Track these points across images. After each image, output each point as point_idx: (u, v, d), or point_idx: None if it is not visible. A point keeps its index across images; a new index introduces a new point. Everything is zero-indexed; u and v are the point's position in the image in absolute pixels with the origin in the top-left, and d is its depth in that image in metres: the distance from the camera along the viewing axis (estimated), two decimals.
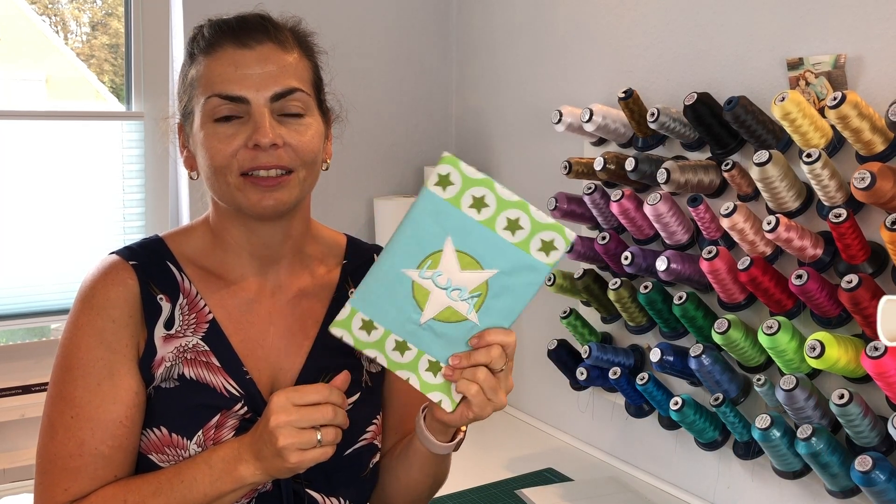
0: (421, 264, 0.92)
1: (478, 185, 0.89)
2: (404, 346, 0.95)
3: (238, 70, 1.00)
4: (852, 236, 1.36)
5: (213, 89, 1.01)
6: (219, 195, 1.04)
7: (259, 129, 0.99)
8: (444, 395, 0.96)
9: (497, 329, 0.94)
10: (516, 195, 0.90)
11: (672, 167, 1.60)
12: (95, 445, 0.99)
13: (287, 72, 1.02)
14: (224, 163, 1.00)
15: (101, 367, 1.00)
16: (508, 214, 0.90)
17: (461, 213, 0.90)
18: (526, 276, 0.92)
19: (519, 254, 0.91)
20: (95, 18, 2.38)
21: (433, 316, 0.93)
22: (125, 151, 2.24)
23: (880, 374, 1.28)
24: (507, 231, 0.90)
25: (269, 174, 1.00)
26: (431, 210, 0.90)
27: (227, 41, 1.02)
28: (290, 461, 0.93)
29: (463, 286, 0.92)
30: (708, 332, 1.58)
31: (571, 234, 0.91)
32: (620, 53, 1.93)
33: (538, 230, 0.90)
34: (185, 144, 1.09)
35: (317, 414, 0.94)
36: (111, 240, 2.22)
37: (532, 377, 2.28)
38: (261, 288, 1.09)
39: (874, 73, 1.41)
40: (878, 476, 1.29)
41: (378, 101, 2.46)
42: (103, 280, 1.03)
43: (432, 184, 0.90)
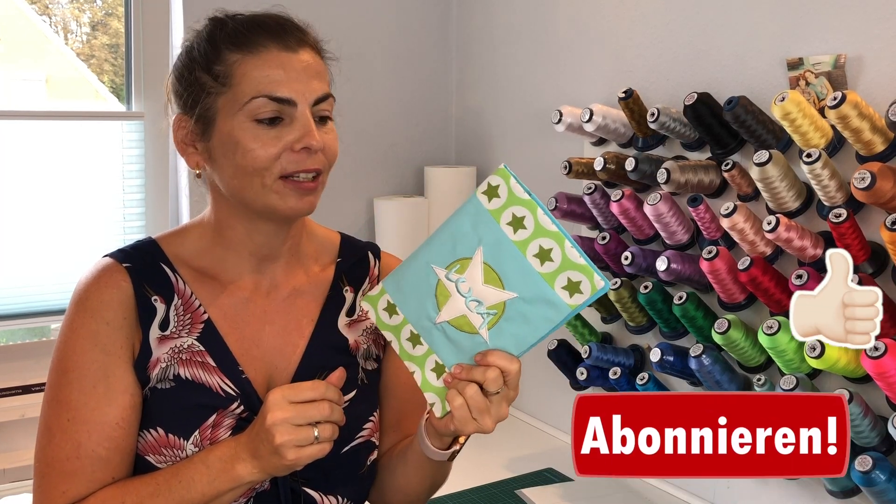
0: (450, 266, 0.93)
1: (521, 204, 0.90)
2: (417, 340, 0.96)
3: (287, 73, 1.00)
4: (852, 236, 1.36)
5: (260, 90, 0.99)
6: (247, 195, 1.02)
7: (310, 132, 1.00)
8: (438, 399, 0.97)
9: (503, 353, 0.94)
10: (556, 226, 0.89)
11: (672, 167, 1.60)
12: (92, 448, 0.99)
13: (322, 77, 1.05)
14: (265, 165, 0.99)
15: (96, 370, 1.00)
16: (542, 243, 0.89)
17: (498, 227, 0.90)
18: (544, 310, 0.91)
19: (542, 285, 0.90)
20: (95, 18, 2.38)
21: (448, 319, 0.94)
22: (125, 151, 2.24)
23: (880, 374, 1.28)
24: (537, 259, 0.89)
25: (308, 177, 1.01)
26: (473, 215, 0.91)
27: (269, 41, 1.01)
28: (287, 458, 0.93)
29: (482, 299, 0.92)
30: (708, 332, 1.58)
31: (600, 282, 0.88)
32: (620, 53, 1.93)
33: (567, 267, 0.89)
34: (189, 142, 1.05)
35: (313, 410, 0.94)
36: (111, 240, 2.22)
37: (532, 377, 2.28)
38: (256, 287, 1.09)
39: (874, 74, 1.41)
40: (879, 476, 1.30)
41: (378, 101, 2.46)
42: (97, 283, 1.03)
43: (480, 191, 0.91)
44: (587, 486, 1.84)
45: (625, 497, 1.79)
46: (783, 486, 1.59)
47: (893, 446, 1.38)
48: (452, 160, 2.59)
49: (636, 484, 1.86)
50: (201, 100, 1.02)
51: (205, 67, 1.02)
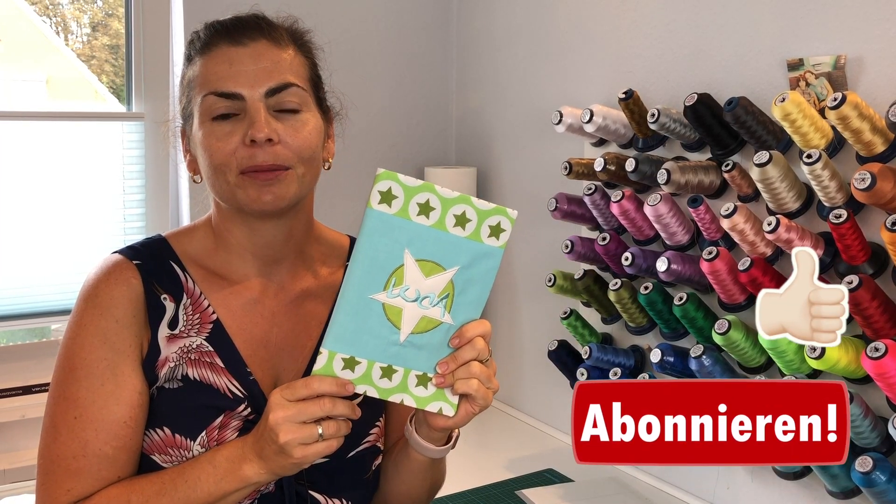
0: (386, 285, 0.91)
1: (419, 191, 0.90)
2: (390, 371, 0.95)
3: (232, 67, 1.01)
4: (853, 237, 1.36)
5: (209, 87, 1.01)
6: (219, 194, 1.04)
7: (254, 123, 0.99)
8: (442, 402, 0.97)
9: (472, 323, 0.95)
10: (456, 192, 0.92)
11: (672, 168, 1.60)
12: (99, 446, 0.99)
13: (281, 67, 1.03)
14: (223, 161, 1.00)
15: (104, 368, 1.00)
16: (454, 211, 0.92)
17: (412, 222, 0.90)
18: (484, 264, 0.94)
19: (473, 245, 0.93)
20: (96, 19, 2.38)
21: (411, 331, 0.93)
22: (125, 152, 2.24)
23: (881, 375, 1.28)
24: (458, 227, 0.92)
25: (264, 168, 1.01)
26: (382, 229, 0.90)
27: (221, 40, 1.03)
28: (293, 457, 0.92)
29: (431, 293, 0.93)
30: (708, 332, 1.58)
31: (513, 212, 0.93)
32: (621, 54, 1.93)
33: (484, 218, 0.92)
34: (187, 148, 1.09)
35: (314, 407, 0.92)
36: (112, 241, 2.22)
37: (532, 378, 2.28)
38: (264, 288, 1.09)
39: (874, 74, 1.41)
40: (879, 477, 1.30)
41: (378, 101, 2.46)
42: (106, 279, 1.02)
43: (376, 203, 0.89)
44: (588, 486, 1.84)
45: (625, 498, 1.79)
46: (783, 486, 1.59)
47: (894, 447, 1.38)
48: (453, 161, 2.59)
49: (637, 485, 1.86)
50: (184, 106, 1.07)
51: (183, 76, 1.07)
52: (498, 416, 2.32)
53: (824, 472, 1.41)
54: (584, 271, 1.88)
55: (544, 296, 2.14)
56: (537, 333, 2.23)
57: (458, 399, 0.97)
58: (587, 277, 1.87)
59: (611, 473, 1.92)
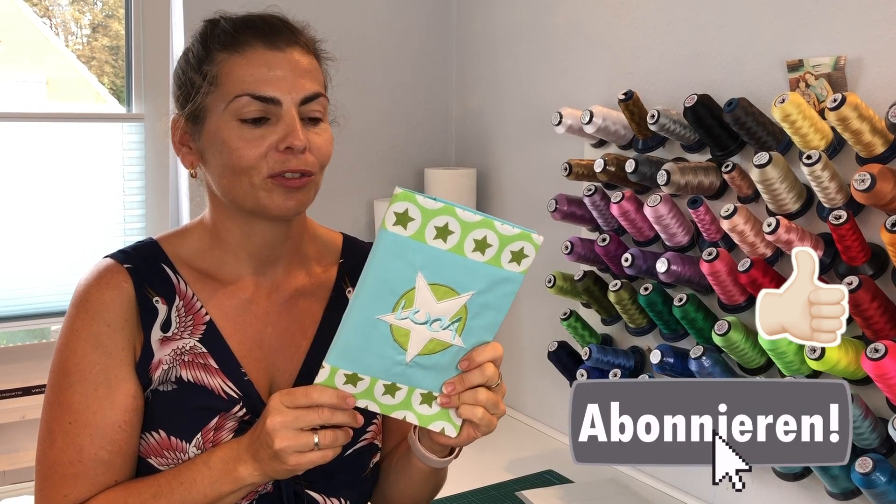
0: (395, 307, 0.88)
1: (438, 214, 0.86)
2: (394, 388, 0.93)
3: (271, 71, 1.00)
4: (852, 238, 1.36)
5: (244, 88, 0.99)
6: (237, 195, 1.02)
7: (294, 132, 0.99)
8: (445, 423, 0.95)
9: (484, 347, 0.93)
10: (479, 214, 0.87)
11: (672, 169, 1.60)
12: (95, 451, 0.99)
13: (312, 76, 1.03)
14: (252, 164, 0.99)
15: (97, 372, 1.00)
16: (475, 236, 0.88)
17: (427, 246, 0.86)
18: (502, 289, 0.90)
19: (491, 270, 0.89)
20: (96, 20, 2.38)
21: (418, 353, 0.91)
22: (125, 153, 2.24)
23: (881, 376, 1.28)
24: (477, 252, 0.88)
25: (294, 176, 1.00)
26: (395, 251, 0.86)
27: (255, 40, 1.01)
28: (287, 464, 0.92)
29: (442, 316, 0.90)
30: (708, 333, 1.58)
31: (539, 238, 0.89)
32: (620, 55, 1.93)
33: (507, 243, 0.89)
34: (184, 142, 1.06)
35: (312, 415, 0.91)
36: (111, 242, 2.22)
37: (532, 379, 2.28)
38: (257, 288, 1.09)
39: (874, 75, 1.41)
40: (879, 478, 1.29)
41: (378, 102, 2.46)
42: (98, 284, 1.02)
43: (390, 224, 0.85)
44: (587, 488, 1.84)
45: (625, 499, 1.79)
46: (783, 487, 1.59)
47: (894, 448, 1.38)
48: (453, 162, 2.59)
49: (637, 485, 1.86)
50: (191, 99, 1.03)
51: (196, 68, 1.03)
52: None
53: (824, 473, 1.41)
54: (584, 272, 1.88)
55: (544, 297, 2.14)
56: (537, 334, 2.23)
57: (462, 420, 0.96)
58: (587, 278, 1.87)
59: (610, 474, 1.92)
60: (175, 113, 1.07)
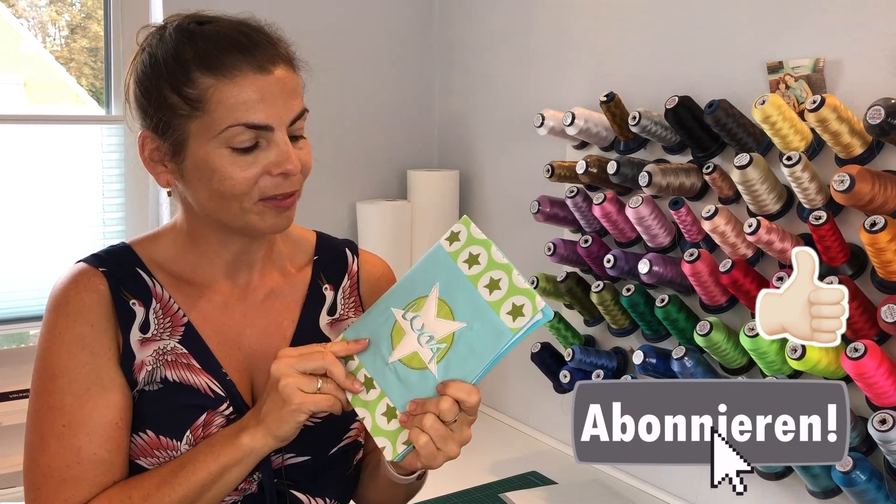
0: (407, 306, 0.97)
1: (478, 244, 0.95)
2: (370, 384, 0.97)
3: (263, 98, 0.96)
4: (832, 238, 1.37)
5: (237, 118, 0.95)
6: (224, 217, 1.01)
7: (288, 158, 0.97)
8: (389, 443, 0.95)
9: (462, 384, 0.93)
10: (507, 259, 0.94)
11: (654, 170, 1.60)
12: (93, 451, 0.98)
13: (298, 94, 1.01)
14: (244, 190, 0.98)
15: (87, 373, 0.99)
16: (493, 274, 0.94)
17: (455, 264, 0.96)
18: (490, 338, 0.92)
19: (489, 312, 0.93)
20: (74, 21, 2.36)
21: (400, 357, 0.95)
22: (105, 156, 2.22)
23: (860, 375, 1.29)
24: (487, 289, 0.94)
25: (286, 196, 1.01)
26: (434, 259, 0.97)
27: (243, 63, 0.96)
28: (292, 402, 0.93)
29: (433, 333, 0.95)
30: (690, 334, 1.58)
31: (541, 303, 0.91)
32: (602, 57, 1.94)
33: (513, 293, 0.93)
34: (157, 159, 1.02)
35: (317, 356, 0.95)
36: (91, 245, 2.20)
37: (515, 380, 2.28)
38: (232, 290, 1.08)
39: (852, 77, 1.42)
40: (859, 476, 1.30)
41: (361, 105, 2.46)
42: (75, 287, 1.01)
43: (444, 238, 0.97)
44: (571, 489, 1.84)
45: (609, 500, 1.79)
46: (765, 486, 1.60)
47: (874, 447, 1.39)
48: (436, 164, 2.59)
49: (620, 486, 1.87)
50: (172, 122, 0.97)
51: (173, 87, 0.97)
52: (481, 419, 2.31)
53: (805, 471, 1.42)
54: (567, 273, 1.88)
55: None
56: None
57: (405, 450, 0.95)
58: (570, 280, 1.87)
59: (594, 475, 1.92)
60: (143, 129, 1.02)
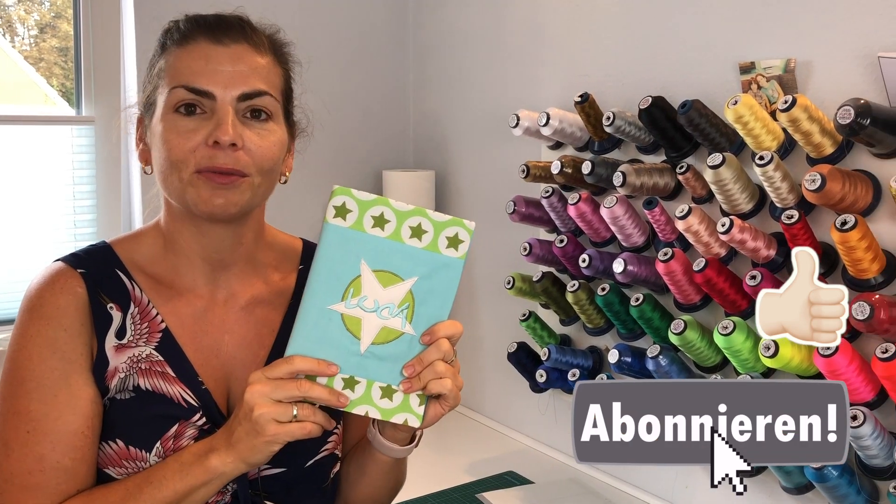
0: (344, 295, 0.93)
1: (374, 205, 0.93)
2: (353, 382, 0.94)
3: (209, 64, 0.98)
4: (804, 237, 1.38)
5: (181, 80, 0.98)
6: (170, 191, 1.01)
7: (221, 126, 0.96)
8: (407, 414, 0.96)
9: (443, 323, 0.96)
10: (411, 205, 0.94)
11: (628, 170, 1.61)
12: (57, 459, 0.96)
13: (258, 74, 1.01)
14: (181, 157, 0.97)
15: (56, 378, 0.97)
16: (410, 223, 0.93)
17: (367, 234, 0.93)
18: (444, 275, 0.95)
19: (431, 256, 0.94)
20: (44, 20, 2.33)
21: (371, 341, 0.94)
22: (75, 157, 2.19)
23: (832, 373, 1.30)
24: (414, 238, 0.94)
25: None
26: (338, 241, 0.92)
27: (201, 35, 1.01)
28: (266, 433, 0.90)
29: (391, 303, 0.94)
30: (665, 332, 1.59)
31: (471, 224, 0.95)
32: (576, 57, 1.94)
33: (441, 229, 0.94)
34: (142, 137, 1.06)
35: (290, 385, 0.91)
36: (61, 247, 2.17)
37: (492, 380, 2.28)
38: (212, 296, 1.06)
39: (823, 78, 1.44)
40: (831, 472, 1.32)
41: (336, 105, 2.44)
42: (51, 288, 0.99)
43: (331, 217, 0.92)
44: (548, 488, 1.84)
45: (586, 499, 1.80)
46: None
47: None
48: (411, 164, 2.58)
49: (597, 485, 1.87)
50: (148, 94, 1.03)
51: (153, 64, 1.04)
52: (458, 419, 2.31)
53: (778, 468, 1.44)
54: (543, 273, 1.89)
55: (503, 298, 2.15)
56: (496, 336, 2.24)
57: (424, 409, 0.96)
58: (545, 279, 1.88)
59: (571, 474, 1.93)
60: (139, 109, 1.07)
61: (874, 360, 1.23)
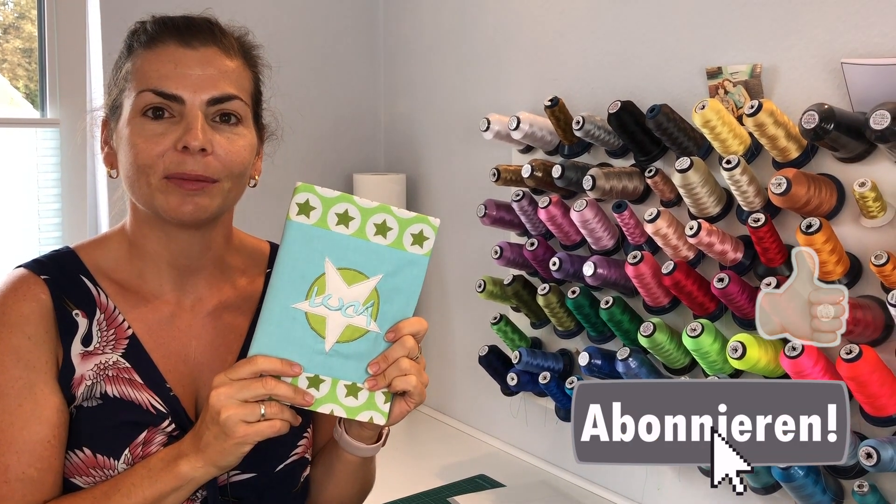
0: (308, 294, 0.92)
1: (338, 202, 0.92)
2: (317, 381, 0.93)
3: (178, 68, 0.97)
4: (770, 240, 1.40)
5: (149, 84, 0.97)
6: (137, 196, 0.99)
7: (190, 130, 0.95)
8: (373, 412, 0.96)
9: (408, 320, 0.95)
10: (376, 202, 0.93)
11: (597, 174, 1.62)
12: (22, 469, 0.94)
13: (227, 78, 1.00)
14: (149, 162, 0.96)
15: (20, 387, 0.95)
16: (374, 220, 0.93)
17: (331, 232, 0.92)
18: (409, 272, 0.95)
19: (396, 253, 0.94)
20: (7, 21, 2.29)
21: (336, 339, 0.93)
22: (40, 160, 2.15)
23: (798, 373, 1.32)
24: (379, 236, 0.93)
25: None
26: (301, 239, 0.91)
27: (170, 38, 0.99)
28: (235, 435, 0.89)
29: (355, 301, 0.93)
30: (634, 335, 1.60)
31: (436, 221, 0.95)
32: (546, 62, 1.95)
33: (406, 226, 0.94)
34: (107, 141, 1.04)
35: (256, 384, 0.89)
36: (26, 252, 2.13)
37: (463, 383, 2.28)
38: (179, 302, 1.05)
39: (787, 83, 1.46)
40: (798, 472, 1.34)
41: (306, 107, 2.43)
42: (14, 295, 0.97)
43: (294, 214, 0.91)
44: (519, 491, 1.84)
45: (557, 501, 1.80)
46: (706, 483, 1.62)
47: None
48: (382, 167, 2.58)
49: (567, 487, 1.88)
50: (114, 98, 1.02)
51: (119, 66, 1.02)
52: (428, 423, 2.31)
53: None
54: (514, 277, 1.89)
55: (474, 302, 2.15)
56: (468, 339, 2.24)
57: (389, 406, 0.96)
58: (516, 283, 1.88)
59: (542, 477, 1.93)
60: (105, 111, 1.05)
61: (839, 361, 1.25)
